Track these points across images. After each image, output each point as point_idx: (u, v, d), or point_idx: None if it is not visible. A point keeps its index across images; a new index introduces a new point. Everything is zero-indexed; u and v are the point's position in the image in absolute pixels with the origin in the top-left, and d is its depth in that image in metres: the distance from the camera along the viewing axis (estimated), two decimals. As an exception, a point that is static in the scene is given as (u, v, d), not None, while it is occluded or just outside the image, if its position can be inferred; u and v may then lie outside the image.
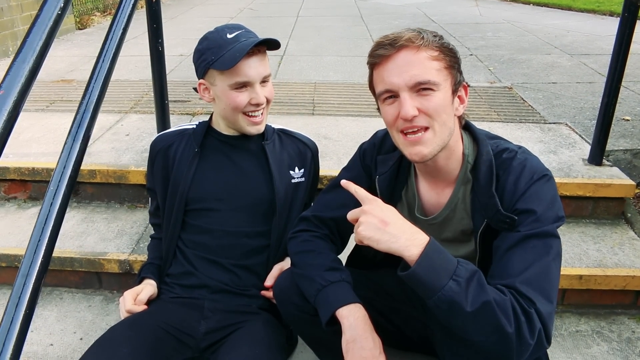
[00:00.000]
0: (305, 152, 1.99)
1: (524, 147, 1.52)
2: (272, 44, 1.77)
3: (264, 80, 1.78)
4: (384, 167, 1.64)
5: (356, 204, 1.68)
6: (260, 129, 1.85)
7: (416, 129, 1.39)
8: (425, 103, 1.37)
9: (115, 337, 1.63)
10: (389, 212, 1.32)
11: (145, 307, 1.78)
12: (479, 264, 1.53)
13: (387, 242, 1.27)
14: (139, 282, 1.90)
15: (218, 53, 1.72)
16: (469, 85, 1.51)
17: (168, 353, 1.67)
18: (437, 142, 1.41)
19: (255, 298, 1.86)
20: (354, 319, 1.46)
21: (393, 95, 1.41)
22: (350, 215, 1.37)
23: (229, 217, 1.87)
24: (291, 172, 1.93)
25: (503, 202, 1.41)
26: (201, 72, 1.81)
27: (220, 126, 1.91)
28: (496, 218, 1.40)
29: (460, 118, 1.51)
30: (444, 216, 1.57)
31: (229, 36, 1.74)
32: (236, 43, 1.71)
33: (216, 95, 1.81)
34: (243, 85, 1.75)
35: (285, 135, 2.00)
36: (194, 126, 1.94)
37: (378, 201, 1.35)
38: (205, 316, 1.79)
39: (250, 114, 1.79)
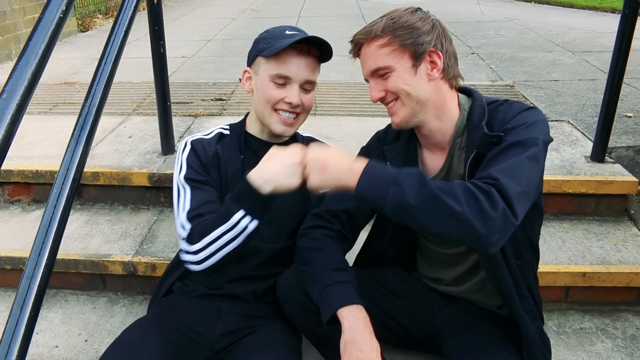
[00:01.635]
0: None
1: None
2: (324, 50, 1.75)
3: (306, 86, 1.74)
4: (393, 153, 1.71)
5: None
6: (288, 131, 1.78)
7: (390, 102, 1.58)
8: (386, 84, 1.55)
9: (133, 341, 1.63)
10: (324, 153, 1.44)
11: None
12: None
13: (335, 182, 1.39)
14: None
15: (271, 43, 1.69)
16: (440, 50, 1.56)
17: (183, 355, 1.67)
18: (408, 110, 1.55)
19: (271, 304, 1.85)
20: (354, 320, 1.47)
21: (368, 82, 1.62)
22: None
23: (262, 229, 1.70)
24: None
25: (492, 131, 1.48)
26: (250, 59, 1.78)
27: (254, 128, 1.85)
28: (484, 141, 1.46)
29: (449, 80, 1.59)
30: (445, 170, 1.62)
31: (287, 32, 1.71)
32: (290, 38, 1.68)
33: (255, 86, 1.77)
34: (283, 81, 1.70)
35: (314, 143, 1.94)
36: (227, 132, 1.88)
37: (310, 148, 1.48)
38: (222, 318, 1.78)
39: (281, 112, 1.73)
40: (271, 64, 1.69)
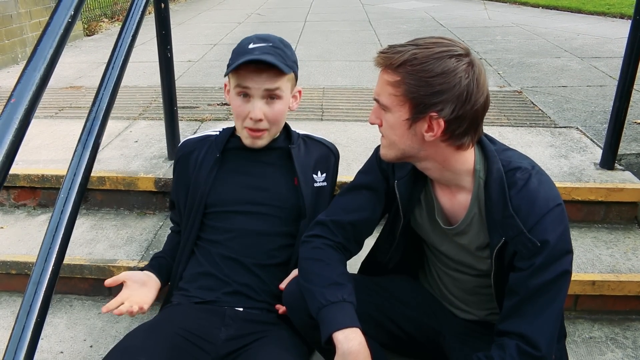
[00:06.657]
0: (329, 156, 2.01)
1: (537, 165, 1.50)
2: (273, 66, 1.73)
3: (270, 97, 1.79)
4: (402, 171, 1.64)
5: (373, 208, 1.69)
6: (257, 143, 1.86)
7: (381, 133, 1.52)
8: (381, 116, 1.48)
9: (132, 345, 1.62)
10: None
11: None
12: (494, 278, 1.54)
13: None
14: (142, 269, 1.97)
15: (235, 58, 1.79)
16: (446, 121, 1.39)
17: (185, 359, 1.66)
18: (391, 152, 1.51)
19: (274, 311, 1.85)
20: (347, 347, 1.45)
21: None
22: None
23: (252, 219, 1.88)
24: (314, 176, 1.94)
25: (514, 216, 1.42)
26: (226, 73, 1.88)
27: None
28: (518, 240, 1.40)
29: (456, 145, 1.45)
30: (461, 229, 1.57)
31: (250, 46, 1.80)
32: (249, 55, 1.75)
33: (229, 99, 1.87)
34: (245, 93, 1.79)
35: (310, 140, 2.02)
36: (218, 133, 1.98)
37: None
38: (226, 323, 1.77)
39: (250, 127, 1.82)
40: (234, 78, 1.81)
